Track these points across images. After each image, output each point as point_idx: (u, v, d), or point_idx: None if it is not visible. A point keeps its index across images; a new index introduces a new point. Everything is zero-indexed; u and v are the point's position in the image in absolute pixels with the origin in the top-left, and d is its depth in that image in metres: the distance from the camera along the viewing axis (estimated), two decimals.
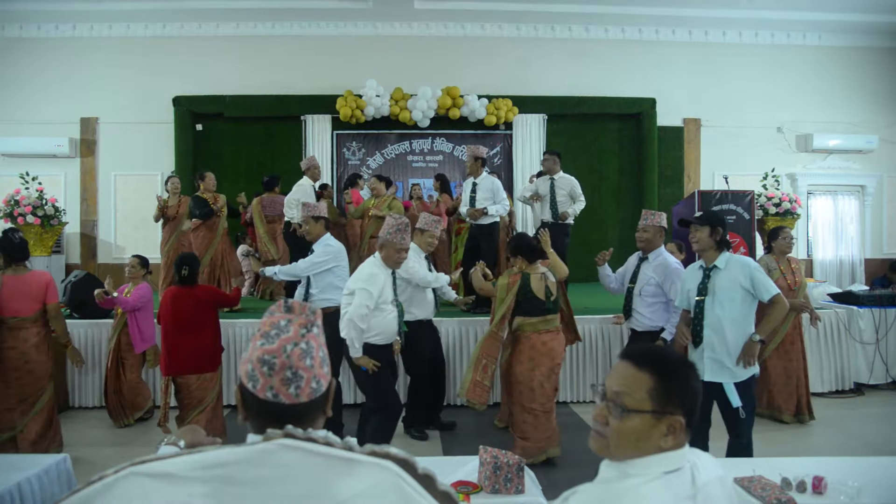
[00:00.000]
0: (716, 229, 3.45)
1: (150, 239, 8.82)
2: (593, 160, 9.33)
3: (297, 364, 1.07)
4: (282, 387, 1.07)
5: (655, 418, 1.16)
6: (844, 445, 4.58)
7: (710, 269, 3.48)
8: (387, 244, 3.92)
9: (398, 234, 3.91)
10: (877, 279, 8.20)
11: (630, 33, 9.24)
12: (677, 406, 1.18)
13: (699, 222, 3.50)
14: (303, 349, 1.08)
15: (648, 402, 1.17)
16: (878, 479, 2.46)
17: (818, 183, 9.52)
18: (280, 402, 1.08)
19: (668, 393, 1.17)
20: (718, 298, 3.43)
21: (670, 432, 1.17)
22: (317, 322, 1.13)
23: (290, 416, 1.07)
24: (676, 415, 1.17)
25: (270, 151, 9.05)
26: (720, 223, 3.48)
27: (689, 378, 1.22)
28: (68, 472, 2.89)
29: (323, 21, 8.92)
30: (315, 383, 1.09)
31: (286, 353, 1.07)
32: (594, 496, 1.18)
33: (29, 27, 8.75)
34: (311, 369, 1.08)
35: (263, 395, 1.08)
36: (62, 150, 8.64)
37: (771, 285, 3.42)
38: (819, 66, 9.40)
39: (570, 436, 4.39)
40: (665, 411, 1.16)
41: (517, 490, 2.49)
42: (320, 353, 1.11)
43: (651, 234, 4.22)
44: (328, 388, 1.13)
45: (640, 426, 1.17)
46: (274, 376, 1.07)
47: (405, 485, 1.01)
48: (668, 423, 1.16)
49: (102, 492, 1.00)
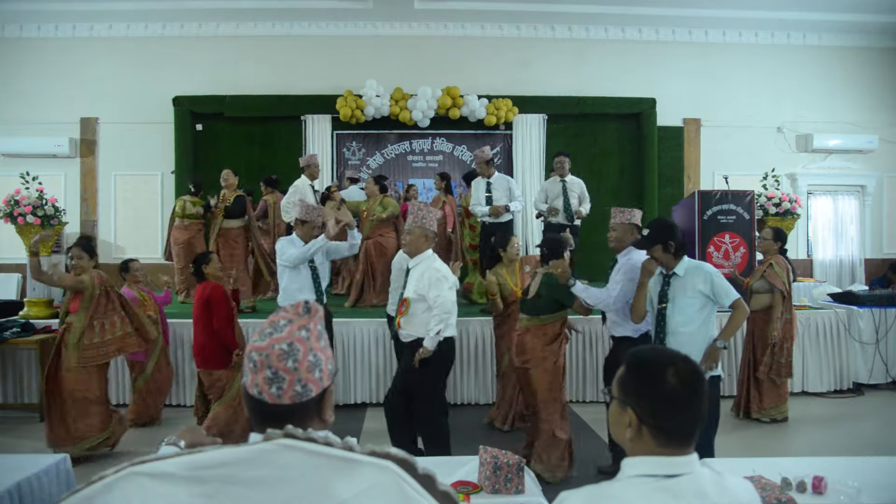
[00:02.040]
0: (667, 244, 3.43)
1: (150, 239, 8.84)
2: (593, 160, 9.33)
3: (276, 364, 1.07)
4: (265, 385, 1.07)
5: (620, 407, 1.24)
6: (844, 445, 4.58)
7: (669, 276, 3.49)
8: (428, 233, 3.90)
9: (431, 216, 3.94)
10: (876, 279, 8.20)
11: (630, 33, 9.23)
12: (634, 400, 1.21)
13: (649, 244, 3.50)
14: (284, 350, 1.07)
15: (617, 389, 1.26)
16: (878, 479, 2.46)
17: (818, 183, 9.51)
18: (264, 400, 1.08)
19: (627, 385, 1.23)
20: (678, 305, 3.44)
21: (630, 425, 1.21)
22: (310, 325, 1.11)
23: (274, 417, 1.07)
24: (634, 409, 1.20)
25: (270, 151, 9.05)
26: (669, 236, 3.44)
27: (654, 379, 1.19)
28: (68, 472, 2.89)
29: (323, 21, 8.92)
30: (300, 387, 1.08)
31: (270, 353, 1.07)
32: (586, 494, 1.18)
33: (29, 27, 8.75)
34: (295, 372, 1.07)
35: (251, 392, 1.09)
36: (62, 150, 8.63)
37: (731, 290, 3.43)
38: (819, 66, 9.39)
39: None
40: (626, 402, 1.22)
41: (517, 490, 2.48)
42: (310, 357, 1.09)
43: (620, 232, 3.97)
44: (321, 394, 1.11)
45: (613, 411, 1.26)
46: (258, 374, 1.08)
47: (405, 485, 1.01)
48: (629, 415, 1.21)
49: (102, 492, 1.00)
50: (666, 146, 9.20)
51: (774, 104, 9.31)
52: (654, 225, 3.59)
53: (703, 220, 6.09)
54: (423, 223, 3.87)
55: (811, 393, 5.97)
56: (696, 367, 1.21)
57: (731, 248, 6.02)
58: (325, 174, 9.01)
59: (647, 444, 1.19)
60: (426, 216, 3.90)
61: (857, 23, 8.99)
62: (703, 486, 1.15)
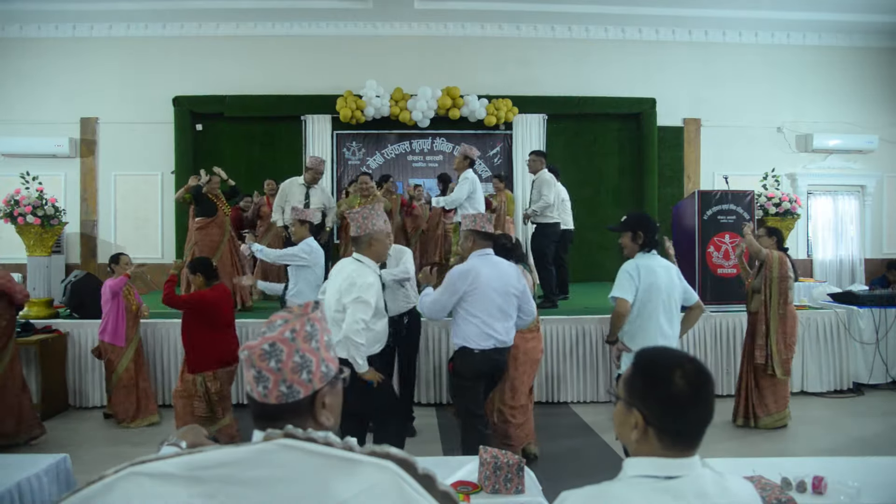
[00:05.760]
0: (636, 234, 3.47)
1: (150, 239, 8.84)
2: (593, 160, 9.33)
3: (258, 364, 1.08)
4: (253, 383, 1.10)
5: (626, 408, 1.22)
6: (844, 445, 4.58)
7: None
8: (374, 237, 3.41)
9: (378, 219, 3.43)
10: (876, 279, 8.20)
11: (630, 33, 9.23)
12: (640, 402, 1.20)
13: (620, 228, 3.55)
14: (265, 350, 1.08)
15: (622, 389, 1.24)
16: (878, 479, 2.46)
17: (818, 183, 9.51)
18: (255, 398, 1.11)
19: (633, 386, 1.22)
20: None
21: (636, 427, 1.20)
22: (297, 326, 1.10)
23: (265, 415, 1.10)
24: (640, 410, 1.19)
25: (270, 151, 9.05)
26: (641, 227, 3.48)
27: (661, 380, 1.18)
28: (68, 472, 2.89)
29: (323, 21, 8.92)
30: (285, 387, 1.08)
31: (253, 352, 1.09)
32: (587, 494, 1.18)
33: (29, 27, 8.75)
34: (279, 373, 1.08)
35: (247, 388, 1.12)
36: (62, 150, 8.63)
37: (615, 288, 3.45)
38: (819, 66, 9.39)
39: (570, 436, 4.40)
40: (631, 403, 1.21)
41: (517, 490, 2.48)
42: (296, 359, 1.09)
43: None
44: (311, 397, 1.11)
45: (619, 411, 1.25)
46: (248, 371, 1.10)
47: (405, 485, 1.01)
48: (634, 416, 1.20)
49: (102, 492, 1.00)
50: (666, 146, 9.21)
51: (774, 104, 9.31)
52: (632, 214, 3.66)
53: (703, 220, 6.09)
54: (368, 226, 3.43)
55: (811, 393, 5.97)
56: (703, 369, 1.20)
57: (731, 248, 6.01)
58: (326, 174, 8.98)
59: (653, 446, 1.18)
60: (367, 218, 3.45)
61: (857, 23, 8.99)
62: (704, 487, 1.15)
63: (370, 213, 3.43)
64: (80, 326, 5.69)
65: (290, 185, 6.45)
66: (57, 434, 4.88)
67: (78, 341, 5.66)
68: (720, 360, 5.86)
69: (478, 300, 3.43)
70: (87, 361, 5.62)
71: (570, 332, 5.76)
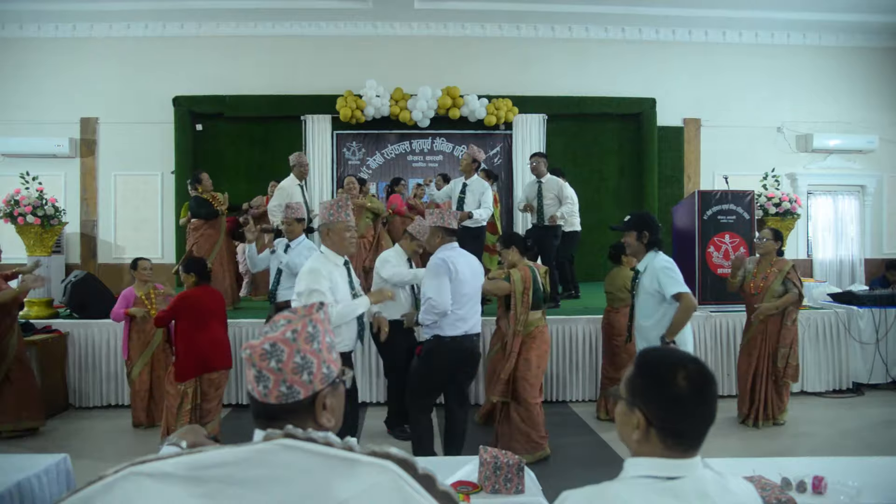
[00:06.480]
0: (641, 233, 3.48)
1: (150, 239, 8.84)
2: (593, 160, 9.33)
3: (259, 363, 1.09)
4: (254, 382, 1.10)
5: (628, 408, 1.22)
6: (844, 445, 4.58)
7: (637, 271, 3.60)
8: (332, 228, 3.44)
9: (338, 211, 3.44)
10: (876, 279, 8.19)
11: (630, 33, 9.23)
12: (642, 402, 1.20)
13: (625, 227, 3.57)
14: (266, 350, 1.08)
15: (625, 390, 1.24)
16: (878, 479, 2.46)
17: (818, 183, 9.51)
18: (255, 396, 1.12)
19: (636, 386, 1.22)
20: (640, 300, 3.55)
21: (637, 427, 1.19)
22: (299, 327, 1.10)
23: (265, 414, 1.10)
24: (642, 411, 1.19)
25: (270, 151, 9.04)
26: (646, 226, 3.49)
27: (663, 381, 1.17)
28: (68, 472, 2.88)
29: (323, 21, 8.92)
30: (285, 388, 1.09)
31: (254, 351, 1.09)
32: (587, 494, 1.18)
33: (29, 27, 8.74)
34: (279, 373, 1.08)
35: (247, 386, 1.13)
36: (62, 150, 8.63)
37: (675, 284, 3.39)
38: (819, 66, 9.39)
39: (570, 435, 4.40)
40: (633, 403, 1.21)
41: (517, 490, 2.48)
42: (296, 359, 1.09)
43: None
44: (311, 398, 1.11)
45: (621, 412, 1.25)
46: (249, 370, 1.10)
47: (405, 485, 1.01)
48: (636, 416, 1.20)
49: (102, 492, 1.00)
50: (666, 146, 9.20)
51: (774, 104, 9.31)
52: (636, 214, 3.69)
53: (703, 220, 6.09)
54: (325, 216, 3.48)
55: (811, 393, 5.97)
56: (706, 370, 1.20)
57: (731, 248, 6.02)
58: (326, 174, 9.03)
59: (655, 446, 1.18)
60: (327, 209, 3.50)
61: (857, 23, 8.99)
62: (705, 487, 1.15)
63: (331, 204, 3.49)
64: (80, 326, 5.70)
65: (291, 185, 6.48)
66: (57, 434, 4.88)
67: (78, 341, 5.66)
68: (720, 361, 5.86)
69: (454, 289, 3.61)
70: (86, 361, 5.63)
71: (570, 332, 5.77)
